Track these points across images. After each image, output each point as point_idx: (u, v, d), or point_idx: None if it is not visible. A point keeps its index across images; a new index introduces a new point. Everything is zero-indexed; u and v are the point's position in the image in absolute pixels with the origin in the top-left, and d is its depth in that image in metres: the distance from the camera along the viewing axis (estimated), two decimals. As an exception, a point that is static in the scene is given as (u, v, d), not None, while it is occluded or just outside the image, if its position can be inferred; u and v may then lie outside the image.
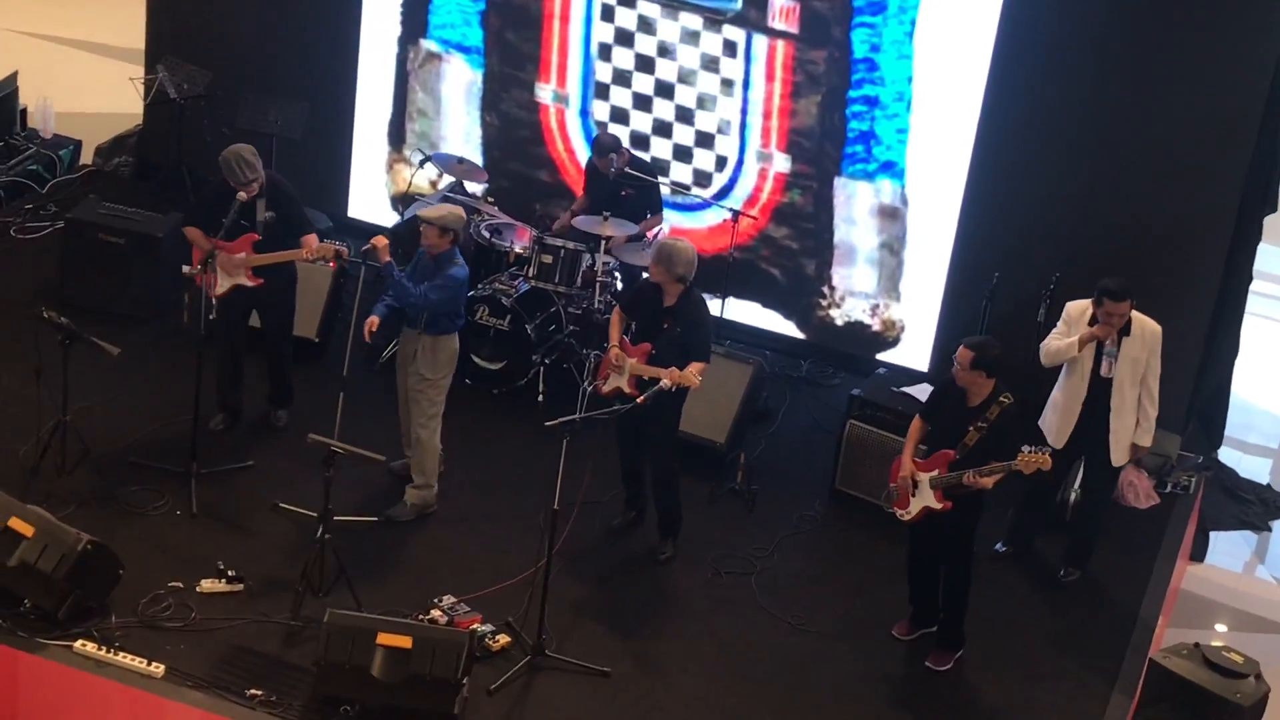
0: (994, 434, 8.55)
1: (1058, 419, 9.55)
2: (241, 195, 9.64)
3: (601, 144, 11.27)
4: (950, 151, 11.24)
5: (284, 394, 10.40)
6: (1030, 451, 8.43)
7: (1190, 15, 10.53)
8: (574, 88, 11.99)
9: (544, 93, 12.09)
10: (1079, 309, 9.47)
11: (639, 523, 9.97)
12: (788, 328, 11.98)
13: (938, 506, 8.70)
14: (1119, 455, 9.55)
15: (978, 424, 8.55)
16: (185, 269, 9.66)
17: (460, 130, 12.44)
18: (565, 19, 11.82)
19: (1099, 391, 9.43)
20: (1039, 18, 10.78)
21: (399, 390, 9.82)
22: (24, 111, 13.36)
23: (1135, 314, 9.36)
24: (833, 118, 11.42)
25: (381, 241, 9.34)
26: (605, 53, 11.82)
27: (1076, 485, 10.03)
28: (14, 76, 13.25)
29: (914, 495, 8.79)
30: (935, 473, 8.69)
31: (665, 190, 11.51)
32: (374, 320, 9.46)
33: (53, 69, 14.94)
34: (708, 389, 10.07)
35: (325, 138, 12.65)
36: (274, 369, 10.35)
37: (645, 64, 11.75)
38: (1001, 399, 8.57)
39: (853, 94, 11.33)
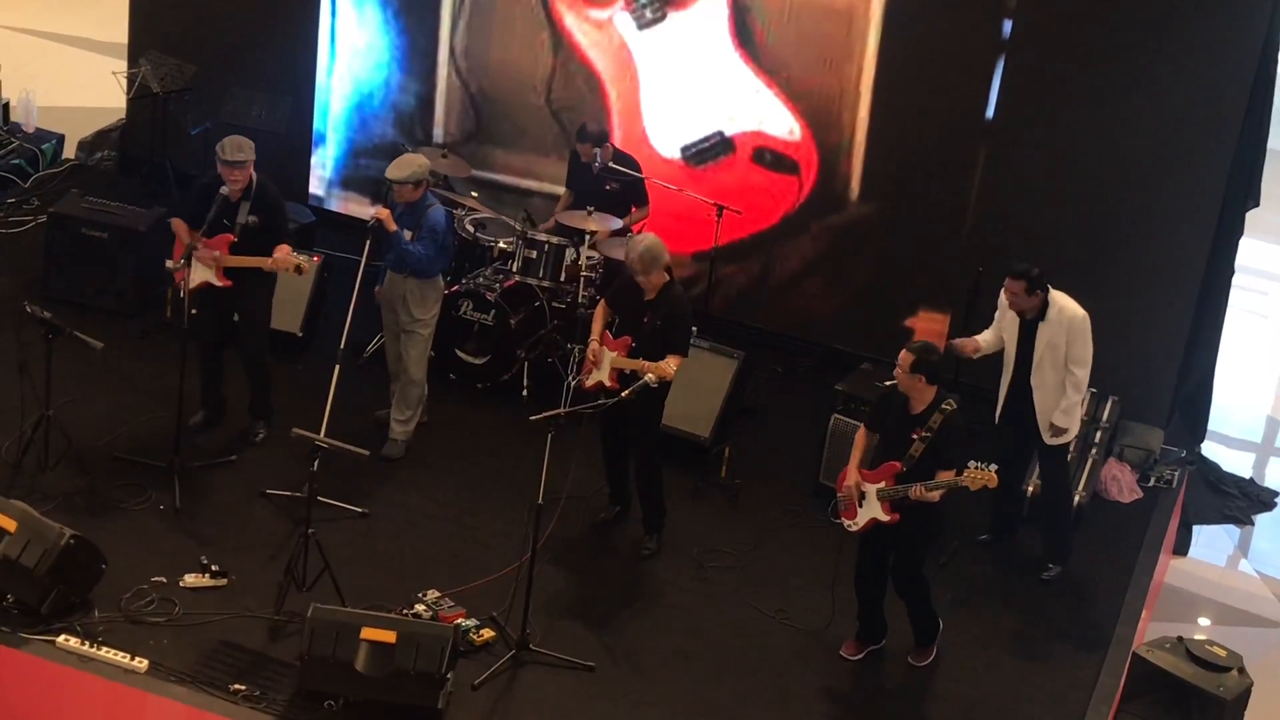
0: (938, 442, 8.50)
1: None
2: (224, 190, 9.62)
3: (586, 132, 11.26)
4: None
5: (261, 405, 10.30)
6: (976, 467, 8.42)
7: (1173, 8, 10.56)
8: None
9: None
10: (1004, 299, 9.63)
11: (623, 517, 9.97)
12: (770, 322, 12.02)
13: (885, 519, 8.64)
14: (1045, 433, 9.63)
15: (921, 433, 8.50)
16: (168, 264, 9.67)
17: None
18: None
19: (1023, 372, 9.56)
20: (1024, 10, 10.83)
21: (386, 330, 10.25)
22: (6, 105, 13.36)
23: (1059, 297, 9.47)
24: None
25: (385, 212, 9.79)
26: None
27: (1036, 477, 10.09)
28: (-4, 71, 13.27)
29: (861, 506, 8.72)
30: (882, 484, 8.62)
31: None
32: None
33: (35, 63, 14.92)
34: (692, 383, 10.10)
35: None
36: (251, 375, 10.26)
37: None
38: (944, 406, 8.50)
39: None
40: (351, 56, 12.66)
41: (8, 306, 10.10)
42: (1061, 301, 9.47)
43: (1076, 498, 10.23)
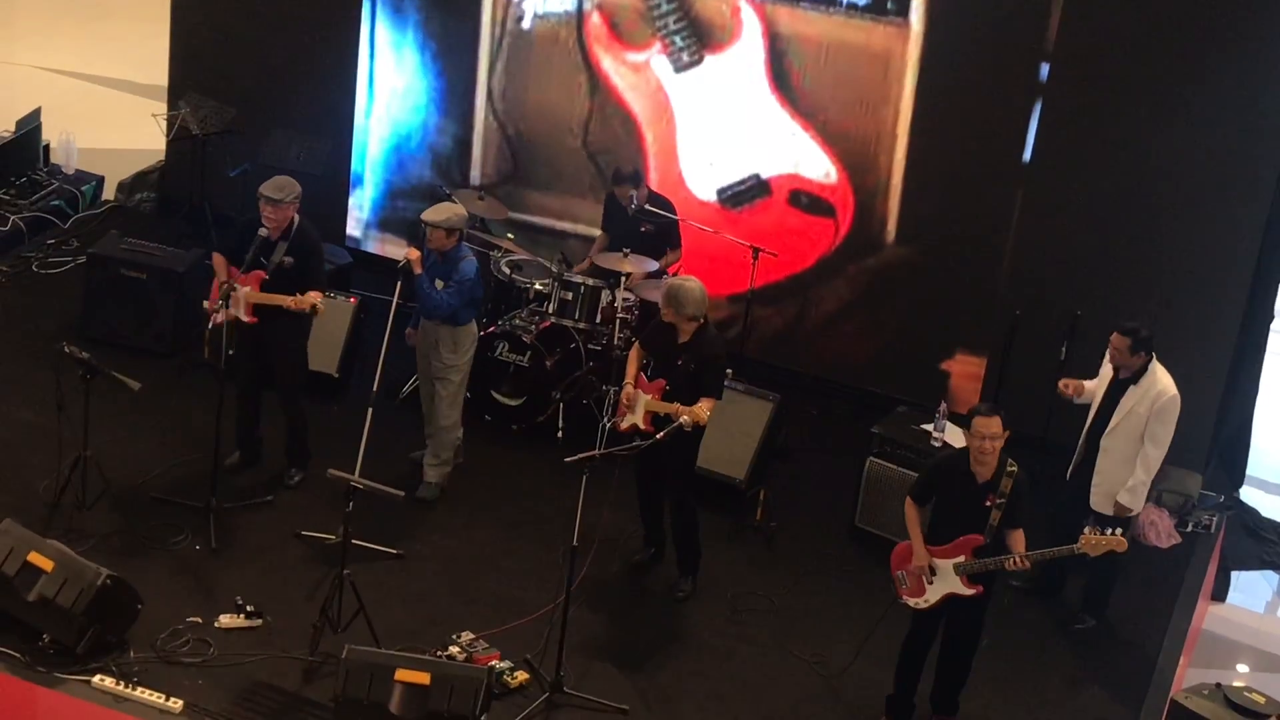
0: (1010, 506, 8.36)
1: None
2: (262, 231, 9.68)
3: (620, 174, 11.30)
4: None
5: (296, 450, 10.30)
6: (1096, 532, 8.26)
7: (1210, 52, 10.55)
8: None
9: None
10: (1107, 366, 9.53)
11: (658, 559, 9.97)
12: (805, 364, 12.04)
13: (968, 592, 8.45)
14: (1098, 499, 9.50)
15: (995, 500, 8.34)
16: (206, 304, 9.71)
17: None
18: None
19: (1099, 430, 9.46)
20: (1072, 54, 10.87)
21: (420, 377, 10.29)
22: (47, 147, 13.45)
23: (1159, 369, 9.32)
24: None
25: (415, 254, 9.82)
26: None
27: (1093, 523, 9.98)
28: (37, 112, 13.35)
29: (931, 583, 8.57)
30: (961, 559, 8.45)
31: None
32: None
33: (75, 105, 15.04)
34: (727, 425, 10.09)
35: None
36: (287, 422, 10.28)
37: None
38: (1010, 469, 8.35)
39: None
40: (390, 98, 12.75)
41: (47, 347, 10.16)
42: (1159, 374, 9.31)
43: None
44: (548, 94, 12.31)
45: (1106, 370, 9.52)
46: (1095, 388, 9.58)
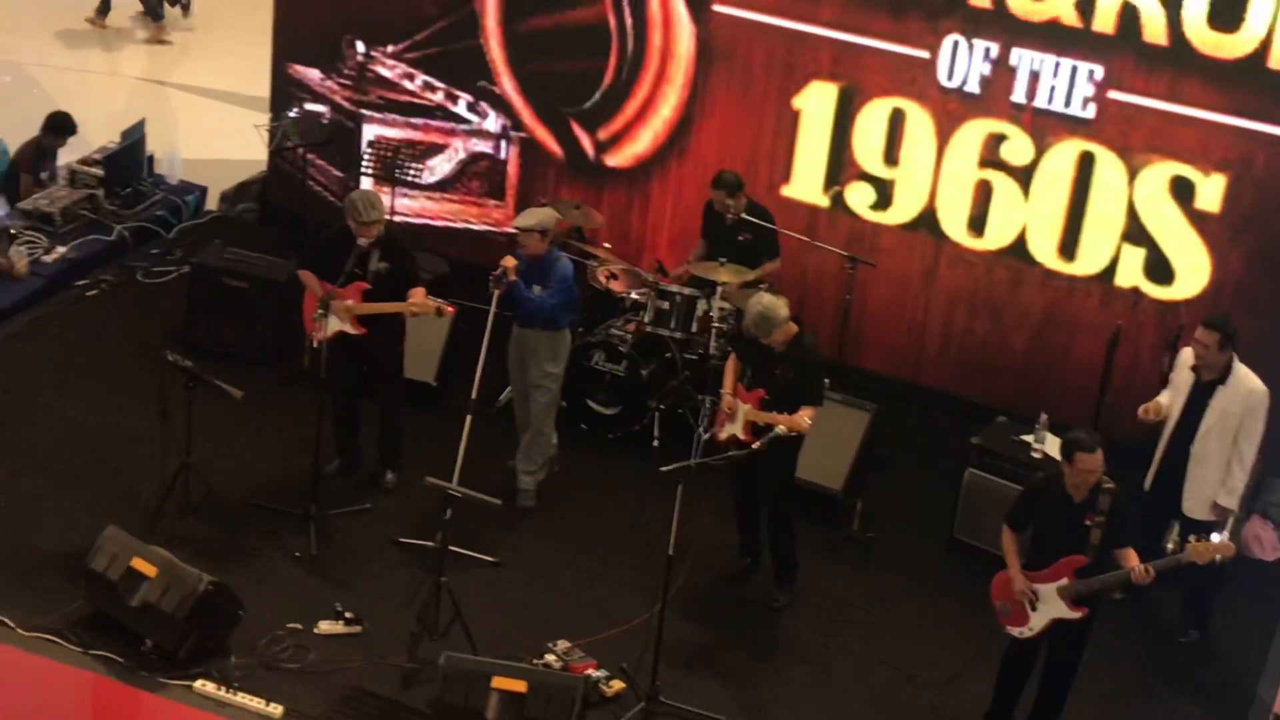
0: (1113, 524, 8.22)
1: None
2: (361, 241, 9.76)
3: (722, 180, 11.29)
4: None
5: (392, 454, 10.41)
6: (1201, 540, 8.08)
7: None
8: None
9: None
10: (1185, 356, 9.39)
11: (754, 569, 9.96)
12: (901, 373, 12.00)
13: (1075, 616, 8.33)
14: (1192, 504, 9.39)
15: (1095, 518, 8.21)
16: (308, 326, 9.78)
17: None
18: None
19: (1184, 437, 9.33)
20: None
21: (514, 388, 10.31)
22: (151, 158, 13.64)
23: (1241, 366, 9.21)
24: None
25: (511, 262, 9.75)
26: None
27: (1174, 535, 9.85)
28: (141, 124, 13.54)
29: (1035, 610, 8.45)
30: (1064, 581, 8.31)
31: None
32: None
33: (179, 116, 15.27)
34: (824, 435, 10.05)
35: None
36: (383, 425, 10.38)
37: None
38: (1106, 486, 8.19)
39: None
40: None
41: (151, 355, 10.30)
42: (1243, 371, 9.20)
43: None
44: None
45: (1181, 378, 9.39)
46: (1170, 400, 9.46)
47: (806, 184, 11.90)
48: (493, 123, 12.73)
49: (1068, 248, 11.33)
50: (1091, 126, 11.02)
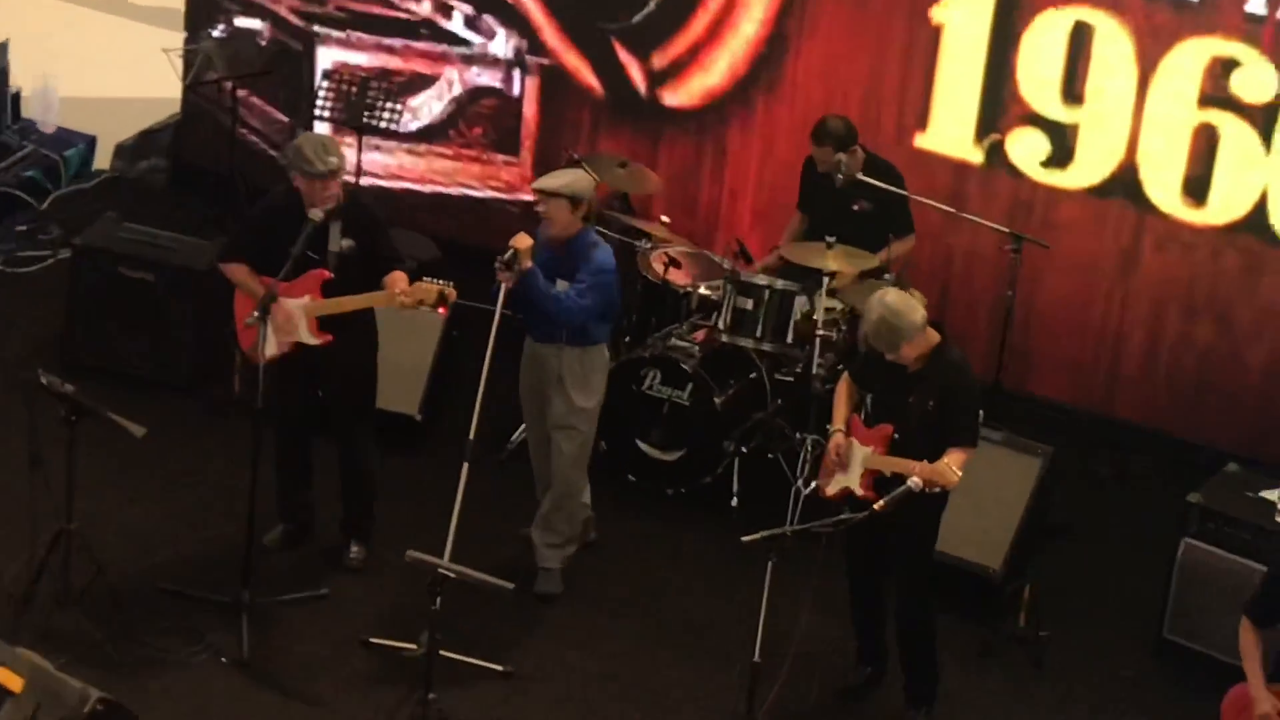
0: None
1: None
2: (314, 212, 9.72)
3: (827, 130, 11.25)
4: None
5: (359, 517, 10.40)
6: None
7: None
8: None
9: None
10: None
11: (878, 682, 9.96)
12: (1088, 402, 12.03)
13: None
14: None
15: None
16: (247, 320, 9.73)
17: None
18: None
19: None
20: None
21: (529, 425, 10.27)
22: (17, 96, 13.70)
23: None
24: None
25: (524, 242, 9.65)
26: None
27: None
28: (4, 48, 13.58)
29: None
30: None
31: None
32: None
33: (57, 37, 15.35)
34: (978, 491, 10.05)
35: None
36: (347, 476, 10.37)
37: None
38: None
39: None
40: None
41: (15, 376, 10.31)
42: None
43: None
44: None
45: None
46: None
47: (951, 132, 11.98)
48: (502, 44, 12.81)
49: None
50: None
